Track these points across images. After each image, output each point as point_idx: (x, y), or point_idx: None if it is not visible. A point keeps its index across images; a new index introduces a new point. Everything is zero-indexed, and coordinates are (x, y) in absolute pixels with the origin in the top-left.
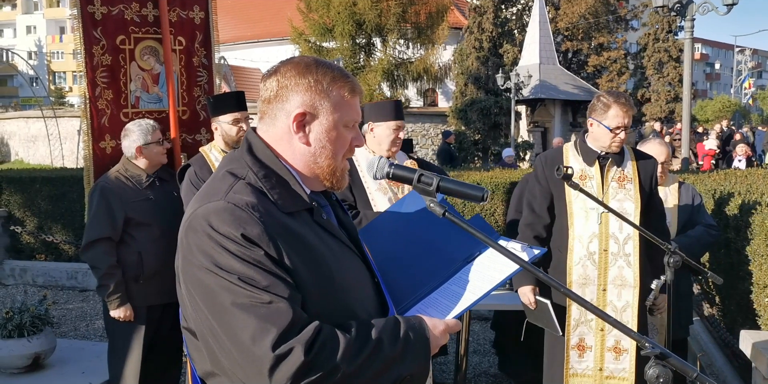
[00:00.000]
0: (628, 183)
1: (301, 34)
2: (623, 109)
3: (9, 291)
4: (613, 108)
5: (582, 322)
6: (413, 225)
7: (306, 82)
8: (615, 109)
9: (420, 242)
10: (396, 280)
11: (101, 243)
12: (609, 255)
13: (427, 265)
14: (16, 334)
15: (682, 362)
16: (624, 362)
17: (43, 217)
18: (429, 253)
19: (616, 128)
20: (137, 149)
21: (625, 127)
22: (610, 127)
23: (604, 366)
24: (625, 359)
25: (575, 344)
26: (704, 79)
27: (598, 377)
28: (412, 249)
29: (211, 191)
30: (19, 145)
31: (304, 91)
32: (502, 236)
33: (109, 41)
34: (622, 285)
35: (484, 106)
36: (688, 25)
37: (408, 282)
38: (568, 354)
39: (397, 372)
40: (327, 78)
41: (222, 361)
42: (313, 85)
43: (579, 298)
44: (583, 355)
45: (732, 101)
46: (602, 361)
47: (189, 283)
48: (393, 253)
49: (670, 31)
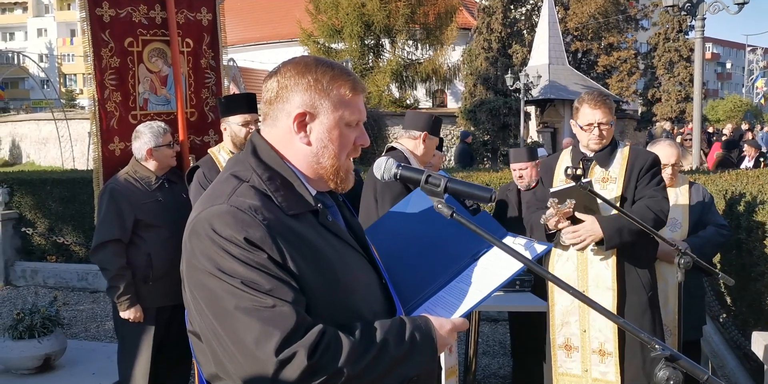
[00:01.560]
0: (611, 183)
1: (310, 36)
2: (591, 105)
3: (20, 292)
4: (582, 106)
5: (565, 322)
6: (418, 223)
7: (305, 81)
8: (584, 107)
9: (426, 240)
10: (403, 279)
11: (111, 245)
12: (588, 256)
13: (434, 263)
14: (26, 335)
15: (693, 364)
16: (609, 365)
17: (54, 219)
18: (435, 251)
19: (588, 125)
20: (148, 151)
21: (600, 123)
22: (582, 125)
23: (590, 368)
24: (610, 362)
25: (562, 344)
26: (715, 79)
27: (587, 378)
28: (418, 247)
29: (215, 194)
30: (30, 147)
31: (304, 91)
32: (510, 232)
33: (117, 44)
34: (596, 286)
35: (493, 107)
36: (699, 24)
37: (415, 281)
38: (555, 353)
39: (403, 373)
40: (326, 77)
41: (226, 365)
42: (313, 85)
43: (587, 298)
44: (570, 355)
45: (743, 101)
46: (588, 362)
47: (193, 287)
48: (398, 252)
49: (681, 31)
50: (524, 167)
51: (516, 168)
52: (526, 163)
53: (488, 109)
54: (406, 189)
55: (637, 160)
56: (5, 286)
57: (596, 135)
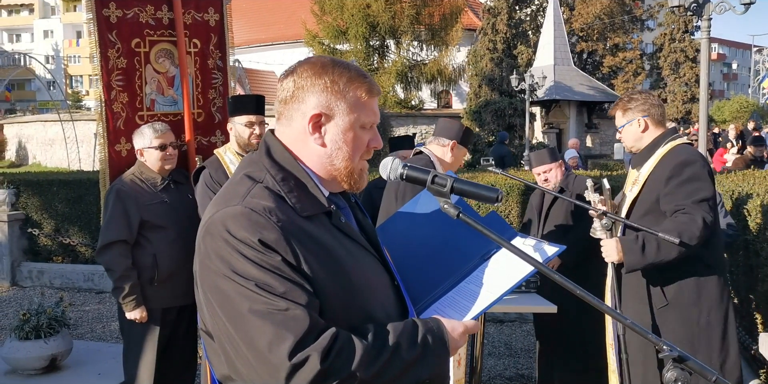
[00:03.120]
0: (636, 186)
1: (315, 37)
2: (613, 110)
3: (26, 293)
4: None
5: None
6: (427, 224)
7: (322, 82)
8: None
9: (435, 240)
10: (412, 279)
11: (116, 245)
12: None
13: (443, 263)
14: (33, 335)
15: (701, 365)
16: (459, 373)
17: (60, 220)
18: (445, 251)
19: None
20: (139, 151)
21: (618, 128)
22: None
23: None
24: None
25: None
26: (721, 80)
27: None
28: (427, 247)
29: (229, 195)
30: (36, 148)
31: (320, 92)
32: (519, 233)
33: (124, 44)
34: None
35: (498, 108)
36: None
37: (424, 281)
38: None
39: (415, 375)
40: (343, 78)
41: (239, 367)
42: (330, 86)
43: (595, 299)
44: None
45: (750, 101)
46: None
47: (206, 289)
48: (408, 252)
49: (687, 31)
50: (548, 169)
51: (539, 172)
52: (549, 165)
53: (493, 110)
54: None
55: (664, 161)
56: (12, 287)
57: (619, 138)
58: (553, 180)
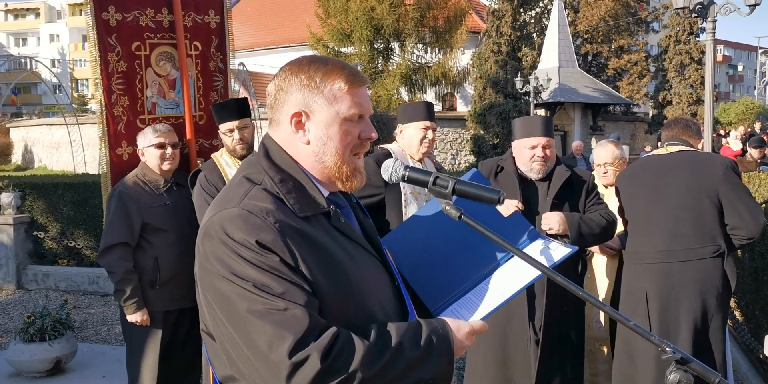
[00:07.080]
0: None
1: (320, 40)
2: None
3: (32, 296)
4: None
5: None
6: (444, 226)
7: (298, 80)
8: None
9: (452, 243)
10: (431, 281)
11: (118, 248)
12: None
13: (463, 264)
14: (37, 338)
15: (704, 367)
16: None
17: (66, 223)
18: (463, 253)
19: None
20: (141, 152)
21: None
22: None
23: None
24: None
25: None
26: (727, 81)
27: None
28: (445, 250)
29: (228, 197)
30: (42, 151)
31: (297, 91)
32: (540, 235)
33: (124, 48)
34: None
35: (502, 110)
36: (710, 26)
37: (443, 282)
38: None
39: (418, 375)
40: (319, 73)
41: (240, 367)
42: (306, 83)
43: (599, 302)
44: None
45: (755, 103)
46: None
47: (206, 290)
48: (425, 256)
49: (692, 33)
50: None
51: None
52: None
53: (498, 113)
54: None
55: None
56: (17, 290)
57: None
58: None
